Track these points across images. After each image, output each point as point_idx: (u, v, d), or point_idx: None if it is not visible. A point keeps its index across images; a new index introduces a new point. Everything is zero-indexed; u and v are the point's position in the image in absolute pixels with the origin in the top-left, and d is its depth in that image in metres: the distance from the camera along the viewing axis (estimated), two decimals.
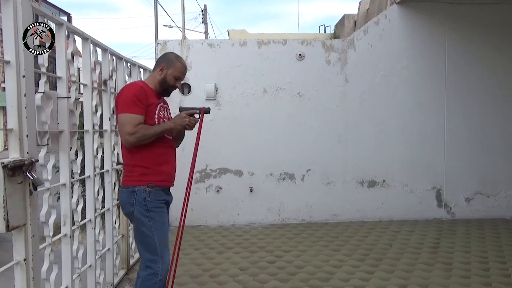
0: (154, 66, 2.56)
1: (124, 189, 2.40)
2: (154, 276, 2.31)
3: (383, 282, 3.39)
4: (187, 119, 2.46)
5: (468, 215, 5.41)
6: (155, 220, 2.33)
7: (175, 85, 2.51)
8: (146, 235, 2.32)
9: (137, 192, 2.32)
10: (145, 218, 2.32)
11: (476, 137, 5.38)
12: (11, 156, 1.90)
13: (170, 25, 22.83)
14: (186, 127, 2.46)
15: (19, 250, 1.94)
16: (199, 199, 5.24)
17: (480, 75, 5.35)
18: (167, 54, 2.57)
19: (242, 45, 5.25)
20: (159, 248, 2.32)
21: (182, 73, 2.52)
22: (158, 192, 2.37)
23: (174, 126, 2.43)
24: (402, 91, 5.29)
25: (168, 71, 2.46)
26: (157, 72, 2.48)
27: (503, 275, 3.51)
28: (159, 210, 2.37)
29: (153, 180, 2.35)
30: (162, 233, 2.36)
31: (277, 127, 5.27)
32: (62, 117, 2.49)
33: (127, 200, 2.36)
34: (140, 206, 2.32)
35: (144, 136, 2.30)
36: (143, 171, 2.35)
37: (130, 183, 2.36)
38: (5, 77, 1.93)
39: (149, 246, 2.33)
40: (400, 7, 5.24)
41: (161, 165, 2.41)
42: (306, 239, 4.58)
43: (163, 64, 2.47)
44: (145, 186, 2.33)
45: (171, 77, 2.47)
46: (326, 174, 5.33)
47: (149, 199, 2.33)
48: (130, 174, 2.39)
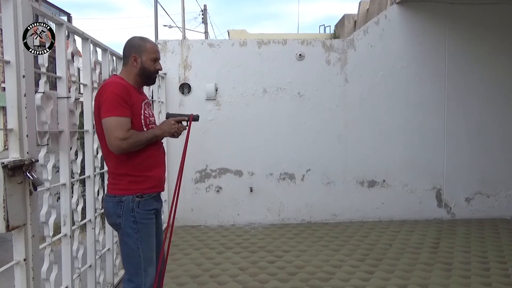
0: (124, 59, 2.30)
1: (109, 198, 2.21)
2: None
3: (383, 282, 3.39)
4: (175, 126, 2.29)
5: (468, 215, 5.41)
6: (142, 233, 2.17)
7: (156, 68, 2.30)
8: (131, 248, 2.17)
9: (125, 202, 2.15)
10: (132, 230, 2.16)
11: (476, 137, 5.38)
12: (11, 156, 1.90)
13: (170, 25, 22.86)
14: (174, 134, 2.29)
15: (19, 250, 1.94)
16: (199, 199, 5.24)
17: (480, 75, 5.34)
18: (131, 41, 2.30)
19: (242, 45, 5.25)
20: (144, 262, 2.18)
21: (157, 52, 2.30)
22: (147, 202, 2.20)
23: (162, 133, 2.26)
24: (402, 91, 5.29)
25: (142, 58, 2.24)
26: (130, 65, 2.25)
27: (503, 275, 3.51)
28: (147, 222, 2.21)
29: (142, 188, 2.18)
30: (148, 247, 2.21)
31: (277, 127, 5.27)
32: (62, 117, 2.49)
33: (113, 211, 2.18)
34: (127, 218, 2.15)
35: (137, 143, 2.13)
36: (131, 179, 2.17)
37: (117, 192, 2.18)
38: (5, 77, 1.93)
39: (134, 259, 2.18)
40: (400, 7, 5.24)
41: (150, 170, 2.22)
42: (306, 239, 4.58)
43: (134, 54, 2.24)
44: (133, 196, 2.15)
45: (149, 63, 2.25)
46: (326, 174, 5.33)
47: (138, 209, 2.16)
48: (116, 182, 2.20)
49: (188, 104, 5.18)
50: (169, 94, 5.18)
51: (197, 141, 5.21)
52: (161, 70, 2.37)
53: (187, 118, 2.36)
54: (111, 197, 2.21)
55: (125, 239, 2.20)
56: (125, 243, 2.20)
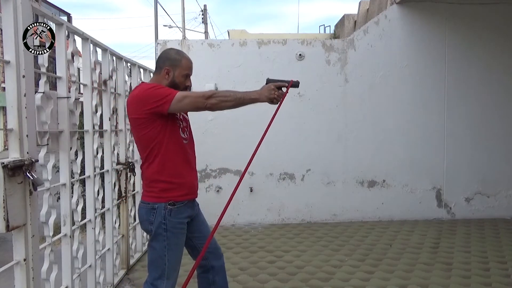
0: (156, 69, 2.29)
1: (143, 205, 2.21)
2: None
3: (383, 282, 3.39)
4: (275, 92, 2.17)
5: (468, 215, 5.41)
6: (170, 241, 2.17)
7: (186, 84, 2.26)
8: (158, 254, 2.17)
9: (157, 210, 2.14)
10: (161, 237, 2.15)
11: (476, 137, 5.38)
12: (11, 156, 1.90)
13: (170, 25, 22.85)
14: (273, 100, 2.17)
15: (19, 250, 1.95)
16: (199, 199, 5.21)
17: (480, 75, 5.34)
18: (167, 53, 2.29)
19: (242, 45, 5.25)
20: (168, 270, 2.18)
21: (190, 69, 2.27)
22: (180, 209, 2.18)
23: (259, 97, 2.15)
24: (402, 91, 5.29)
25: (175, 72, 2.21)
26: (162, 76, 2.22)
27: (503, 275, 3.51)
28: (177, 231, 2.19)
29: (174, 196, 2.16)
30: (174, 256, 2.21)
31: (277, 127, 5.26)
32: (62, 117, 2.49)
33: (146, 217, 2.18)
34: (159, 225, 2.14)
35: (225, 97, 2.08)
36: (164, 187, 2.15)
37: (150, 199, 2.17)
38: (5, 77, 1.93)
39: (159, 265, 2.18)
40: (400, 7, 5.24)
41: (183, 177, 2.21)
42: (306, 239, 4.58)
43: (167, 66, 2.21)
44: (166, 203, 2.14)
45: (180, 78, 2.23)
46: (326, 174, 5.33)
47: (170, 217, 2.14)
48: (149, 189, 2.19)
49: None
50: None
51: (197, 141, 5.20)
52: (190, 86, 2.32)
53: (286, 84, 2.25)
54: (145, 203, 2.21)
55: (153, 244, 2.19)
56: (153, 248, 2.20)
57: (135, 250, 4.04)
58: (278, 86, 2.21)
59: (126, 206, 3.67)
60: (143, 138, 2.16)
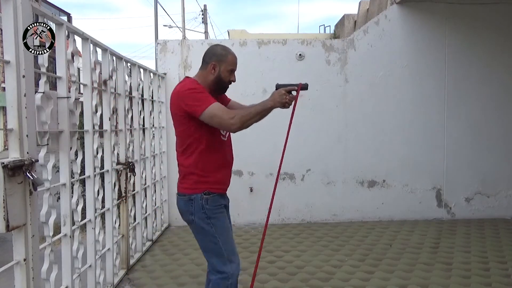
0: (202, 64, 2.34)
1: (180, 197, 2.30)
2: (225, 279, 2.23)
3: (383, 282, 3.39)
4: (287, 96, 2.25)
5: (468, 215, 5.41)
6: (217, 226, 2.25)
7: (230, 79, 2.35)
8: (211, 241, 2.25)
9: (194, 200, 2.23)
10: (207, 225, 2.24)
11: (476, 137, 5.38)
12: (11, 156, 1.90)
13: (170, 25, 22.86)
14: (285, 104, 2.25)
15: (19, 250, 1.95)
16: None
17: (481, 75, 5.34)
18: (213, 49, 2.34)
19: (242, 45, 5.25)
20: (226, 253, 2.25)
21: (235, 64, 2.35)
22: (215, 198, 2.28)
23: (273, 104, 2.23)
24: (402, 91, 5.29)
25: (221, 67, 2.29)
26: (208, 71, 2.30)
27: (503, 275, 3.51)
28: (218, 215, 2.28)
29: (209, 187, 2.26)
30: (226, 238, 2.28)
31: (277, 127, 5.26)
32: (62, 117, 2.49)
33: (185, 208, 2.27)
34: (199, 215, 2.23)
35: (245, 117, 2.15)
36: (198, 179, 2.25)
37: (186, 191, 2.26)
38: (5, 77, 1.93)
39: (216, 252, 2.26)
40: (400, 7, 5.24)
41: (218, 171, 2.30)
42: (306, 239, 4.58)
43: (214, 61, 2.28)
44: (202, 194, 2.23)
45: (225, 73, 2.31)
46: (326, 174, 5.33)
47: (207, 206, 2.23)
48: (184, 181, 2.29)
49: None
50: (169, 94, 5.12)
51: None
52: (234, 81, 2.39)
53: (296, 87, 2.34)
54: (181, 195, 2.30)
55: (202, 234, 2.27)
56: (204, 238, 2.28)
57: (135, 250, 4.04)
58: (288, 91, 2.28)
59: (126, 206, 3.67)
60: (182, 133, 2.26)
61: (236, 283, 2.32)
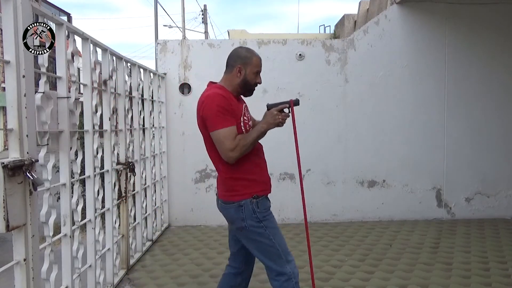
0: (227, 67, 2.35)
1: (228, 205, 2.27)
2: (289, 281, 2.23)
3: (383, 282, 3.39)
4: (279, 116, 2.29)
5: (468, 215, 5.41)
6: (270, 228, 2.26)
7: (256, 81, 2.35)
8: (267, 245, 2.25)
9: (244, 206, 2.22)
10: (261, 229, 2.24)
11: (476, 137, 5.38)
12: (11, 156, 1.90)
13: (170, 25, 22.87)
14: (279, 124, 2.31)
15: (19, 250, 1.95)
16: (199, 199, 5.24)
17: (481, 75, 5.34)
18: (237, 51, 2.34)
19: (242, 45, 5.25)
20: (283, 253, 2.26)
21: (260, 66, 2.34)
22: (263, 201, 2.28)
23: (267, 126, 2.28)
24: (402, 91, 5.29)
25: (246, 70, 2.29)
26: (234, 75, 2.30)
27: (503, 275, 3.51)
28: (269, 217, 2.29)
29: (256, 191, 2.25)
30: (280, 239, 2.30)
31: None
32: (62, 117, 2.49)
33: (236, 216, 2.24)
34: (251, 219, 2.22)
35: (245, 147, 2.19)
36: (246, 184, 2.25)
37: (235, 198, 2.24)
38: (5, 77, 1.93)
39: (273, 254, 2.25)
40: (400, 7, 5.24)
41: (261, 174, 2.33)
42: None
43: (239, 64, 2.28)
44: (251, 199, 2.23)
45: (251, 75, 2.31)
46: (326, 174, 5.33)
47: (258, 209, 2.23)
48: (231, 188, 2.26)
49: (188, 104, 5.18)
50: (169, 94, 5.18)
51: (197, 141, 5.20)
52: (260, 83, 2.39)
53: (288, 105, 2.35)
54: (229, 203, 2.26)
55: (257, 239, 2.26)
56: (259, 242, 2.26)
57: (135, 250, 4.04)
58: (279, 109, 2.32)
59: (126, 206, 3.67)
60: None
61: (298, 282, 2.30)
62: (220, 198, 2.34)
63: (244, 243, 2.34)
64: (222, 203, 2.32)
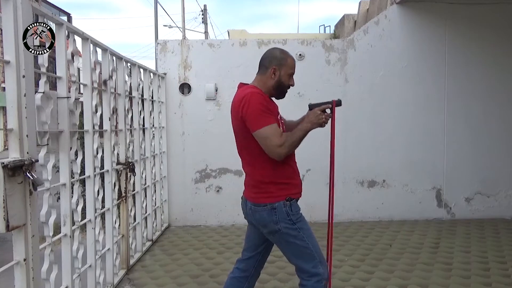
0: (261, 68, 2.33)
1: (260, 208, 2.23)
2: (320, 282, 2.23)
3: (383, 282, 3.39)
4: (323, 115, 2.30)
5: (468, 215, 5.41)
6: (304, 229, 2.26)
7: (289, 83, 2.32)
8: (302, 246, 2.24)
9: (278, 208, 2.20)
10: (295, 230, 2.23)
11: (476, 137, 5.38)
12: (11, 156, 1.90)
13: (170, 25, 22.85)
14: (322, 124, 2.31)
15: (19, 250, 1.95)
16: (199, 199, 5.24)
17: (481, 75, 5.34)
18: (272, 52, 2.33)
19: (242, 45, 5.25)
20: (317, 255, 2.26)
21: (294, 68, 2.32)
22: (295, 203, 2.29)
23: (311, 126, 2.28)
24: (402, 91, 5.29)
25: (281, 71, 2.26)
26: (268, 76, 2.27)
27: (503, 275, 3.51)
28: (302, 218, 2.30)
29: (290, 193, 2.25)
30: (313, 240, 2.29)
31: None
32: (62, 117, 2.49)
33: (269, 219, 2.21)
34: (285, 222, 2.20)
35: (293, 143, 2.19)
36: (279, 187, 2.23)
37: (268, 201, 2.21)
38: (5, 77, 1.93)
39: (307, 255, 2.24)
40: (400, 7, 5.24)
41: (293, 177, 2.32)
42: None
43: (274, 65, 2.26)
44: (284, 201, 2.21)
45: (285, 77, 2.29)
46: (326, 174, 5.29)
47: (291, 212, 2.23)
48: (264, 191, 2.24)
49: (188, 104, 5.18)
50: (169, 94, 5.18)
51: (197, 141, 5.21)
52: (293, 86, 2.37)
53: (330, 105, 2.37)
54: (261, 206, 2.23)
55: (291, 240, 2.24)
56: (294, 244, 2.25)
57: (135, 250, 4.04)
58: (322, 109, 2.34)
59: (126, 206, 3.67)
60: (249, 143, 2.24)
61: None
62: (249, 201, 2.29)
63: (277, 245, 2.34)
64: (252, 205, 2.27)
